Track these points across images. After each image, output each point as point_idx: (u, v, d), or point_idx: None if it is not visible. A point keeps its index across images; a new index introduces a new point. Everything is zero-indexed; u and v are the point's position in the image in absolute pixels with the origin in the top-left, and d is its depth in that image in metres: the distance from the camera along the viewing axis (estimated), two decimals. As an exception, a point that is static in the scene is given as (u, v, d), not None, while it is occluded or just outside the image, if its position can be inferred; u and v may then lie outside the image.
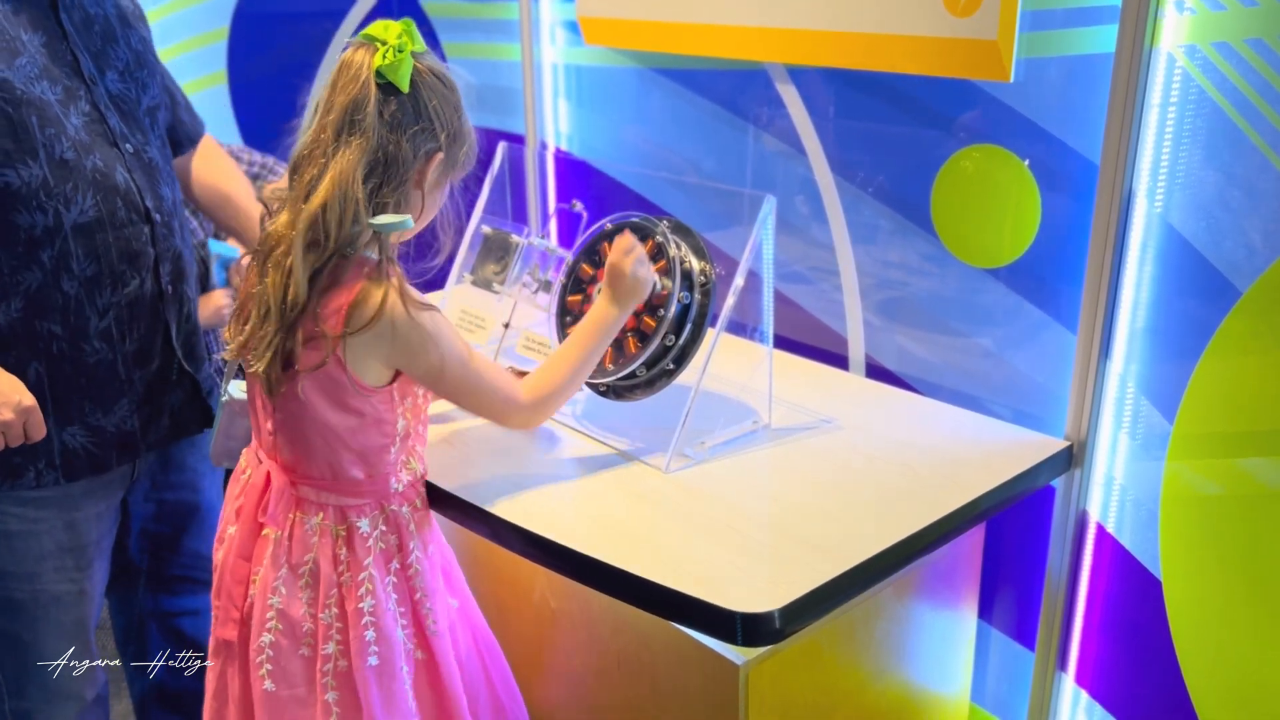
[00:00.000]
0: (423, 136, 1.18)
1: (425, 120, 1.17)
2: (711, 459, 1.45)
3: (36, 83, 1.28)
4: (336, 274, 1.17)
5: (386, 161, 1.16)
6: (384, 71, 1.14)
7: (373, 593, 1.25)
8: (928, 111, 1.61)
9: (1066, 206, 1.48)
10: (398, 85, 1.15)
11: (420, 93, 1.17)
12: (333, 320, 1.16)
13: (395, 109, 1.15)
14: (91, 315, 1.35)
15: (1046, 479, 1.48)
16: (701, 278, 1.45)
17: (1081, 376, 1.47)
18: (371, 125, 1.14)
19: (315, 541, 1.25)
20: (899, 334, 1.75)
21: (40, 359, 1.33)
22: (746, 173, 1.95)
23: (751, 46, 1.74)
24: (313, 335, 1.16)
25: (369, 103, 1.14)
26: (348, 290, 1.16)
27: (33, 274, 1.31)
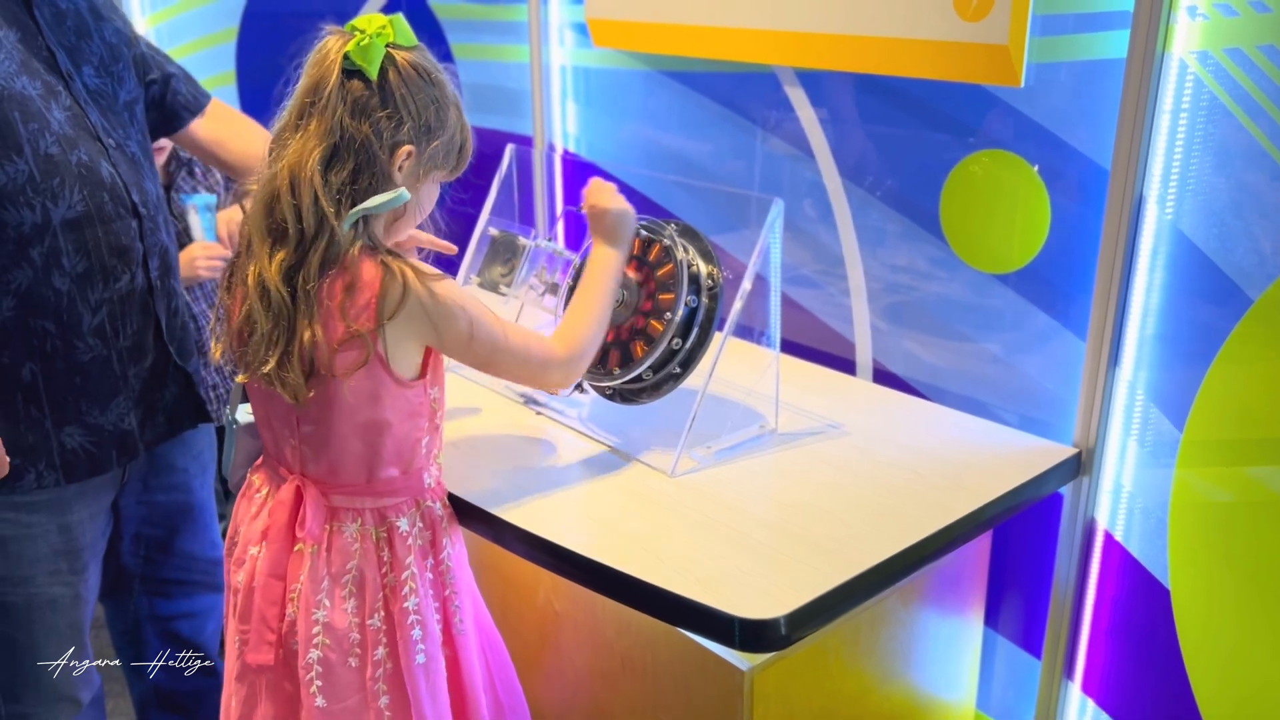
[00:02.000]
0: (388, 124, 1.14)
1: (391, 108, 1.14)
2: (718, 463, 1.44)
3: (16, 79, 1.26)
4: (348, 271, 1.14)
5: (353, 149, 1.12)
6: (352, 56, 1.12)
7: (416, 590, 1.25)
8: (937, 115, 1.60)
9: (1076, 212, 1.47)
10: (366, 71, 1.12)
11: (389, 80, 1.13)
12: (364, 317, 1.14)
13: (361, 94, 1.12)
14: (84, 312, 1.34)
15: (1055, 486, 1.48)
16: (709, 281, 1.45)
17: (1090, 383, 1.46)
18: (331, 108, 1.11)
19: (356, 548, 1.24)
20: (906, 339, 1.74)
21: (34, 358, 1.32)
22: (754, 176, 1.95)
23: (761, 50, 1.74)
24: (344, 338, 1.14)
25: (329, 85, 1.11)
26: (367, 284, 1.14)
27: (23, 272, 1.30)
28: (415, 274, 1.16)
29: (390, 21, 1.14)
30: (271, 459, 1.31)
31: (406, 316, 1.16)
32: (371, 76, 1.13)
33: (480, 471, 1.42)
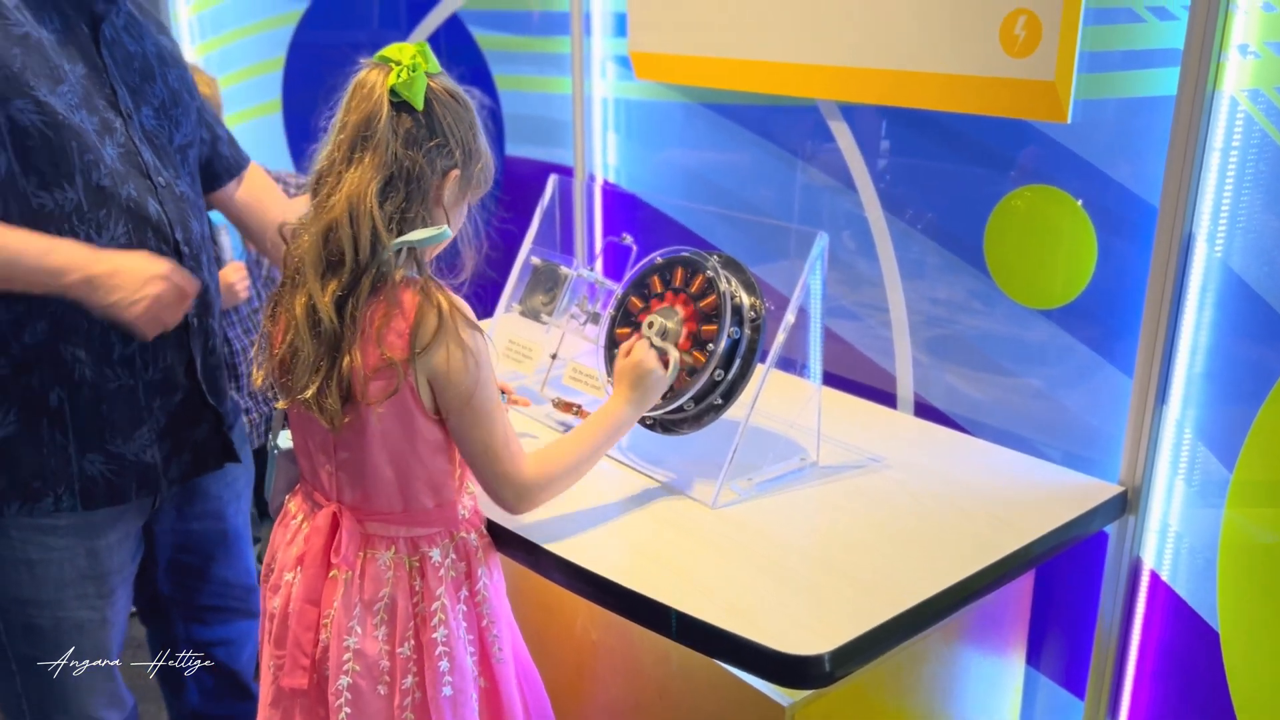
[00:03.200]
0: (438, 153, 1.17)
1: (440, 136, 1.17)
2: (758, 495, 1.44)
3: (76, 111, 1.29)
4: (387, 298, 1.16)
5: (406, 179, 1.15)
6: (398, 90, 1.14)
7: (445, 622, 1.25)
8: (981, 150, 1.60)
9: (1123, 249, 1.46)
10: (412, 103, 1.15)
11: (435, 110, 1.17)
12: (398, 345, 1.15)
13: (410, 126, 1.16)
14: (115, 342, 1.36)
15: (1100, 524, 1.46)
16: (751, 313, 1.45)
17: (1137, 421, 1.45)
18: (384, 141, 1.14)
19: (389, 576, 1.24)
20: (948, 373, 1.73)
21: (63, 383, 1.33)
22: (794, 207, 1.95)
23: (805, 84, 1.75)
24: (378, 365, 1.16)
25: (381, 119, 1.14)
26: (404, 312, 1.16)
27: (56, 300, 1.31)
28: (452, 309, 1.18)
29: (419, 50, 1.17)
30: (308, 485, 1.32)
31: (435, 350, 1.16)
32: (418, 107, 1.16)
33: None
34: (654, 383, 1.38)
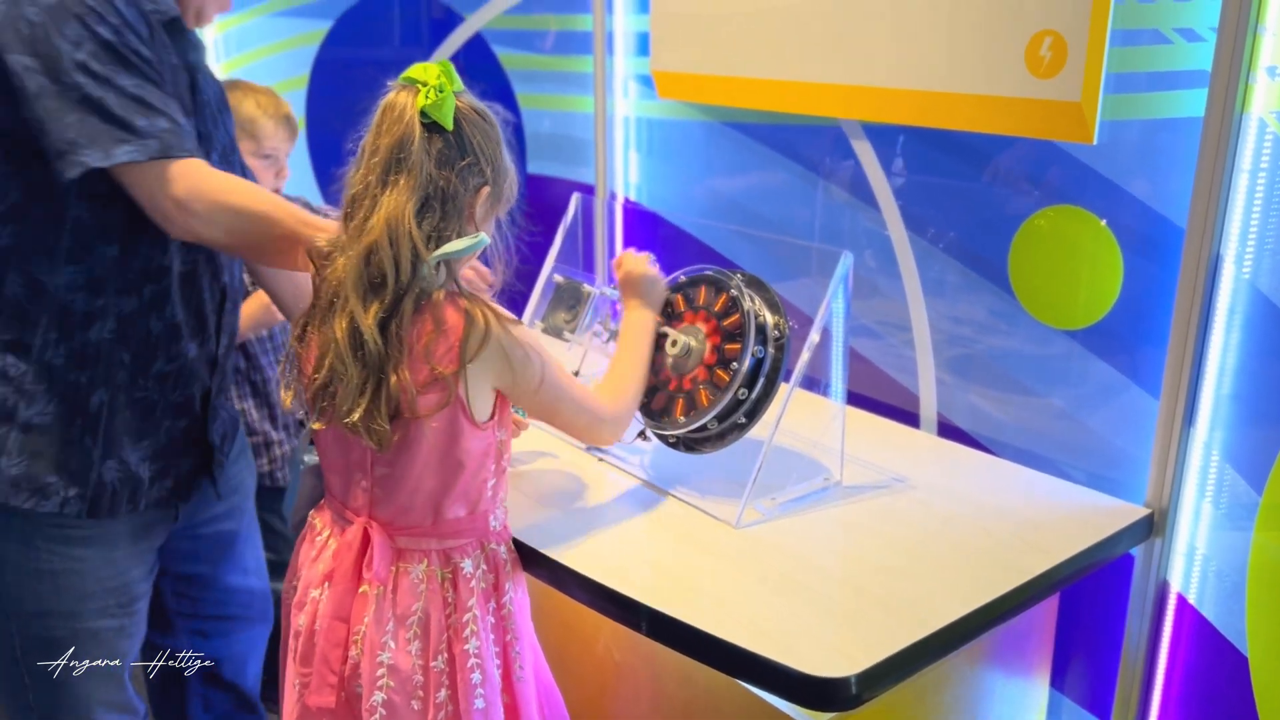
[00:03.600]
0: (470, 171, 1.20)
1: (471, 155, 1.19)
2: (782, 515, 1.43)
3: None
4: (432, 315, 1.17)
5: (441, 198, 1.18)
6: (428, 111, 1.16)
7: (476, 634, 1.25)
8: (1006, 170, 1.60)
9: (1149, 270, 1.46)
10: (442, 123, 1.17)
11: (464, 129, 1.19)
12: (447, 359, 1.17)
13: (442, 146, 1.17)
14: (159, 358, 1.38)
15: (1126, 546, 1.45)
16: (775, 332, 1.45)
17: (1164, 443, 1.44)
18: (418, 162, 1.16)
19: (422, 589, 1.25)
20: (972, 392, 1.73)
21: (108, 386, 1.34)
22: (814, 226, 1.95)
23: (829, 104, 1.75)
24: (428, 379, 1.17)
25: (414, 141, 1.16)
26: (451, 327, 1.17)
27: (130, 302, 1.34)
28: (496, 317, 1.20)
29: (443, 70, 1.18)
30: (336, 502, 1.32)
31: (486, 358, 1.19)
32: (448, 128, 1.18)
33: (542, 516, 1.42)
34: (654, 283, 1.51)
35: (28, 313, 1.29)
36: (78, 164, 1.19)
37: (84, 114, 1.19)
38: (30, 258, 1.28)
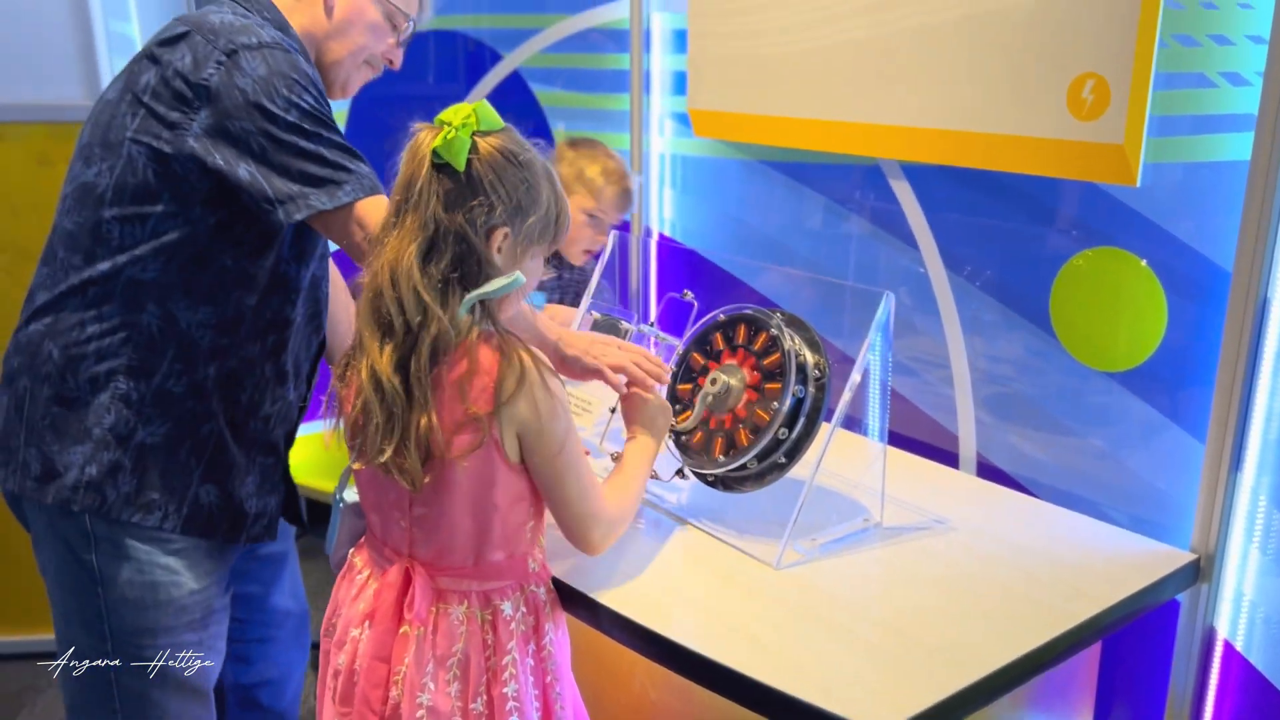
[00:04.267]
0: (480, 212, 1.16)
1: (482, 195, 1.16)
2: (822, 556, 1.42)
3: None
4: (467, 355, 1.17)
5: (451, 240, 1.15)
6: (439, 151, 1.15)
7: (515, 676, 1.25)
8: (1047, 210, 1.60)
9: (1194, 312, 1.45)
10: (452, 164, 1.15)
11: (475, 169, 1.16)
12: (481, 400, 1.16)
13: (450, 187, 1.15)
14: (267, 400, 1.44)
15: (1172, 592, 1.43)
16: (816, 372, 1.44)
17: (1210, 487, 1.42)
18: (424, 203, 1.15)
19: (462, 631, 1.24)
20: (1011, 433, 1.72)
21: (220, 419, 1.40)
22: (850, 263, 1.96)
23: (869, 143, 1.76)
24: (462, 420, 1.17)
25: (419, 180, 1.15)
26: (485, 368, 1.17)
27: (254, 347, 1.40)
28: (533, 361, 1.19)
29: (475, 110, 1.16)
30: (377, 541, 1.32)
31: (520, 400, 1.18)
32: (458, 168, 1.16)
33: (580, 556, 1.42)
34: (661, 412, 1.46)
35: (157, 343, 1.35)
36: (306, 208, 1.28)
37: (304, 164, 1.28)
38: (172, 293, 1.34)
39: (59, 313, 1.34)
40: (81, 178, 1.34)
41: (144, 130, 1.29)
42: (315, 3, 1.44)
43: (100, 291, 1.33)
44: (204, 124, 1.28)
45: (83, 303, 1.33)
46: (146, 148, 1.29)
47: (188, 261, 1.33)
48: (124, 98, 1.33)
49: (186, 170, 1.29)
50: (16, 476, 1.37)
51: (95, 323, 1.33)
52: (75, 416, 1.34)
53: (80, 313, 1.33)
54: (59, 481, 1.34)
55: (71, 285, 1.33)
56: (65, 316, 1.34)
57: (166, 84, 1.29)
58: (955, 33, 1.58)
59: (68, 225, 1.35)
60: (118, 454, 1.34)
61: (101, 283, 1.32)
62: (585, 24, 2.31)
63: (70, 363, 1.33)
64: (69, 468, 1.33)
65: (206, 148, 1.28)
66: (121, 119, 1.32)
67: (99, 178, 1.32)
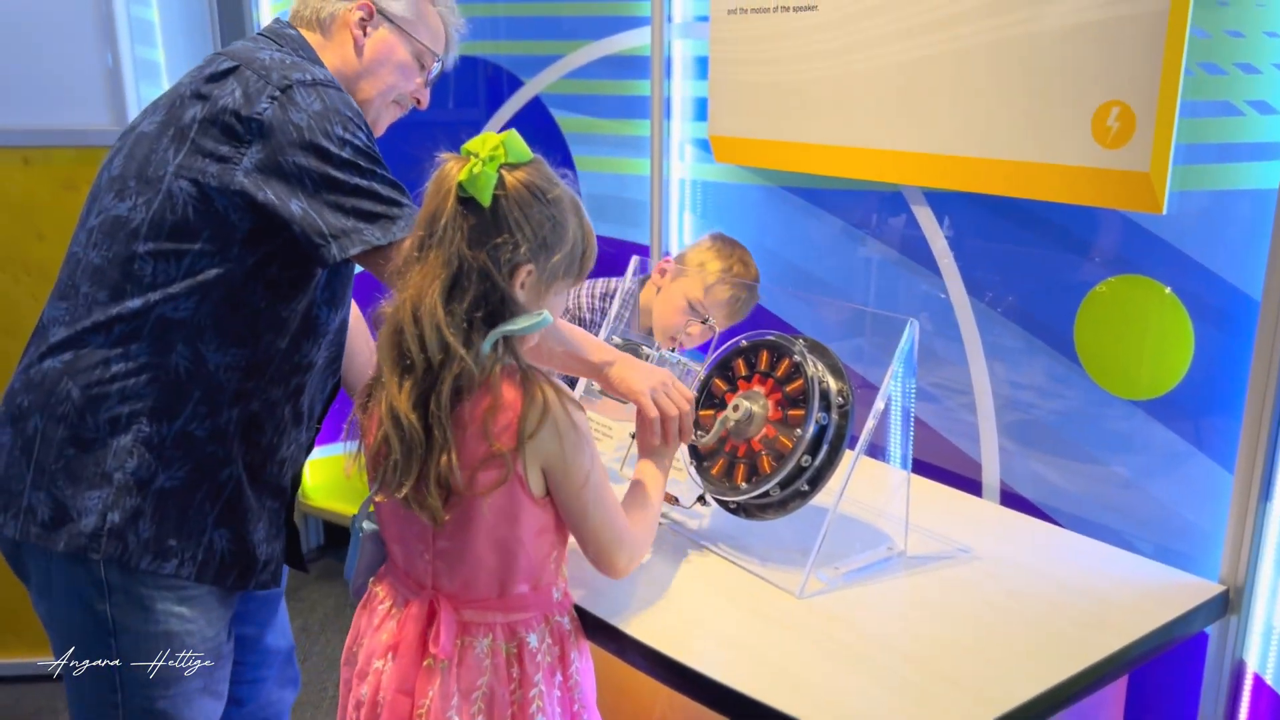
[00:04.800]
0: (505, 249, 1.13)
1: (507, 233, 1.13)
2: (846, 585, 1.41)
3: None
4: (490, 391, 1.15)
5: (475, 277, 1.13)
6: (465, 185, 1.12)
7: (543, 709, 1.23)
8: (1071, 237, 1.59)
9: (1221, 341, 1.44)
10: (478, 199, 1.12)
11: (501, 206, 1.13)
12: (505, 437, 1.15)
13: (475, 223, 1.12)
14: (284, 443, 1.42)
15: (1201, 625, 1.41)
16: (839, 399, 1.44)
17: (1239, 518, 1.40)
18: (448, 238, 1.12)
19: (487, 664, 1.23)
20: (1035, 460, 1.70)
21: (239, 463, 1.38)
22: (870, 288, 1.95)
23: (891, 170, 1.76)
24: (486, 457, 1.15)
25: (443, 216, 1.12)
26: (508, 404, 1.15)
27: (278, 390, 1.39)
28: (557, 394, 1.17)
29: (503, 141, 1.13)
30: (399, 571, 1.30)
31: (544, 435, 1.16)
32: (484, 203, 1.13)
33: (602, 581, 1.41)
34: (668, 449, 1.43)
35: (184, 384, 1.32)
36: (360, 242, 1.27)
37: (358, 200, 1.27)
38: (203, 334, 1.31)
39: (79, 349, 1.30)
40: (113, 211, 1.32)
41: (188, 165, 1.28)
42: (345, 43, 1.45)
43: (127, 329, 1.29)
44: (255, 159, 1.26)
45: (107, 340, 1.30)
46: (190, 183, 1.27)
47: (221, 302, 1.31)
48: (165, 133, 1.31)
49: (229, 207, 1.27)
50: (18, 522, 1.32)
51: (121, 361, 1.29)
52: (92, 459, 1.30)
53: (104, 350, 1.30)
54: (72, 527, 1.29)
55: (96, 322, 1.30)
56: (87, 354, 1.30)
57: (215, 119, 1.27)
58: (979, 60, 1.58)
59: (94, 260, 1.32)
60: (138, 499, 1.30)
61: (130, 320, 1.29)
62: (606, 50, 2.32)
63: (91, 403, 1.29)
64: (85, 513, 1.29)
65: (256, 183, 1.26)
66: (163, 154, 1.30)
67: (133, 212, 1.30)
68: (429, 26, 1.50)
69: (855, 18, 1.75)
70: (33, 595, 1.39)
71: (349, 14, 1.44)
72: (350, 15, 1.44)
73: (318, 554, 3.14)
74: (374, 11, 1.45)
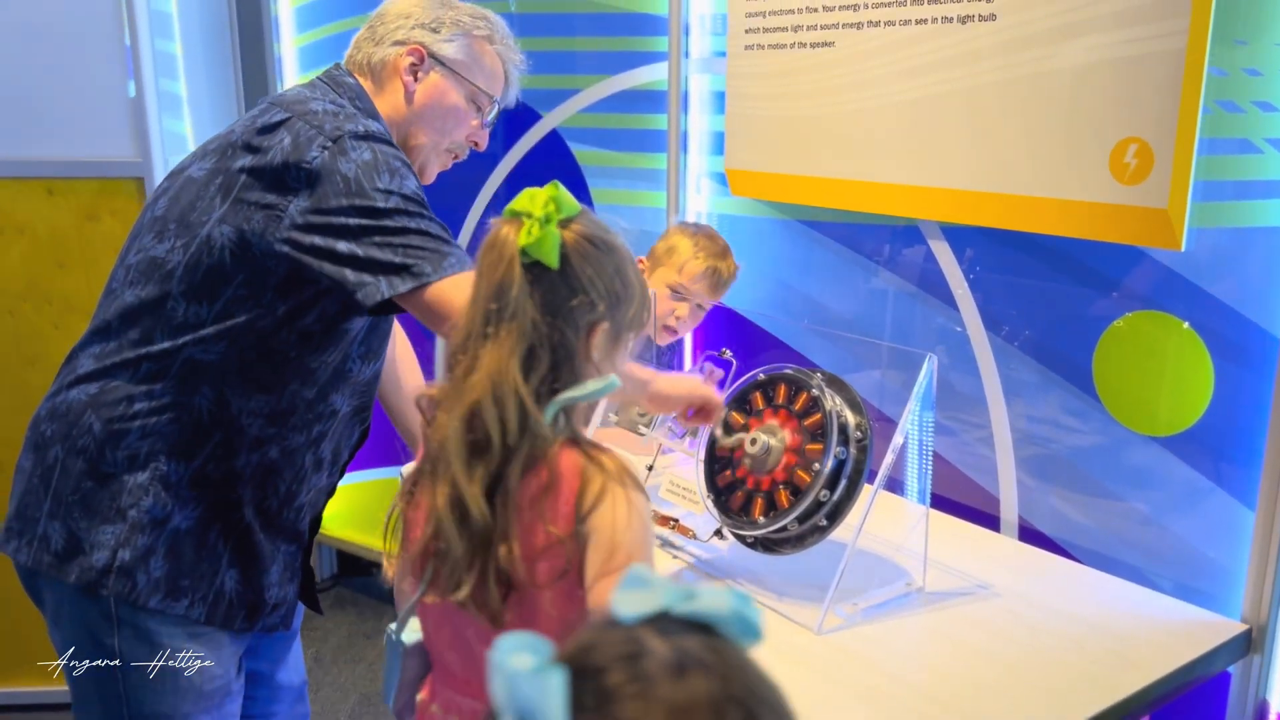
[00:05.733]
0: (581, 311, 1.04)
1: (581, 293, 1.04)
2: (864, 622, 1.40)
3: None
4: (548, 468, 1.03)
5: (550, 346, 1.03)
6: (529, 250, 1.02)
7: None
8: (1088, 272, 1.60)
9: (1242, 378, 1.43)
10: (545, 262, 1.03)
11: (572, 265, 1.04)
12: (564, 516, 1.02)
13: (546, 288, 1.03)
14: (303, 489, 1.42)
15: (1224, 664, 1.40)
16: (858, 433, 1.44)
17: (1262, 556, 1.39)
18: (521, 310, 1.02)
19: None
20: (1053, 495, 1.69)
21: (256, 508, 1.38)
22: (887, 321, 1.95)
23: (908, 205, 1.77)
24: (545, 544, 1.02)
25: (514, 286, 1.02)
26: (566, 478, 1.03)
27: (299, 437, 1.39)
28: (620, 468, 1.05)
29: (552, 198, 1.04)
30: (457, 682, 1.14)
31: (602, 510, 1.03)
32: (552, 265, 1.03)
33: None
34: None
35: (205, 426, 1.32)
36: (410, 279, 1.24)
37: (406, 239, 1.25)
38: (229, 378, 1.31)
39: (105, 383, 1.31)
40: (151, 251, 1.32)
41: (234, 213, 1.27)
42: (396, 90, 1.43)
43: (155, 368, 1.30)
44: (301, 206, 1.25)
45: (134, 377, 1.30)
46: (233, 229, 1.27)
47: (250, 348, 1.31)
48: (214, 180, 1.30)
49: (267, 254, 1.27)
50: (32, 549, 1.32)
51: (145, 399, 1.30)
52: (108, 493, 1.30)
53: (130, 387, 1.30)
54: (83, 560, 1.29)
55: (126, 358, 1.31)
56: (113, 389, 1.30)
57: (264, 169, 1.27)
58: (997, 96, 1.59)
59: (129, 298, 1.32)
60: (151, 538, 1.30)
61: (158, 359, 1.30)
62: (624, 85, 2.34)
63: (111, 437, 1.30)
64: (97, 548, 1.29)
65: (301, 229, 1.25)
66: (208, 201, 1.30)
67: (170, 254, 1.30)
68: (485, 68, 1.48)
69: (872, 54, 1.76)
70: (47, 621, 1.39)
71: (400, 60, 1.43)
72: (401, 61, 1.43)
73: (330, 583, 3.13)
74: (425, 56, 1.43)
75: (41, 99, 2.21)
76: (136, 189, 2.25)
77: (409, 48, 1.43)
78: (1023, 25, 1.54)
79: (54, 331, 2.26)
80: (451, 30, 1.45)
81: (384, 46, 1.44)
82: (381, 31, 1.45)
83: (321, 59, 2.73)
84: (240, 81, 2.74)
